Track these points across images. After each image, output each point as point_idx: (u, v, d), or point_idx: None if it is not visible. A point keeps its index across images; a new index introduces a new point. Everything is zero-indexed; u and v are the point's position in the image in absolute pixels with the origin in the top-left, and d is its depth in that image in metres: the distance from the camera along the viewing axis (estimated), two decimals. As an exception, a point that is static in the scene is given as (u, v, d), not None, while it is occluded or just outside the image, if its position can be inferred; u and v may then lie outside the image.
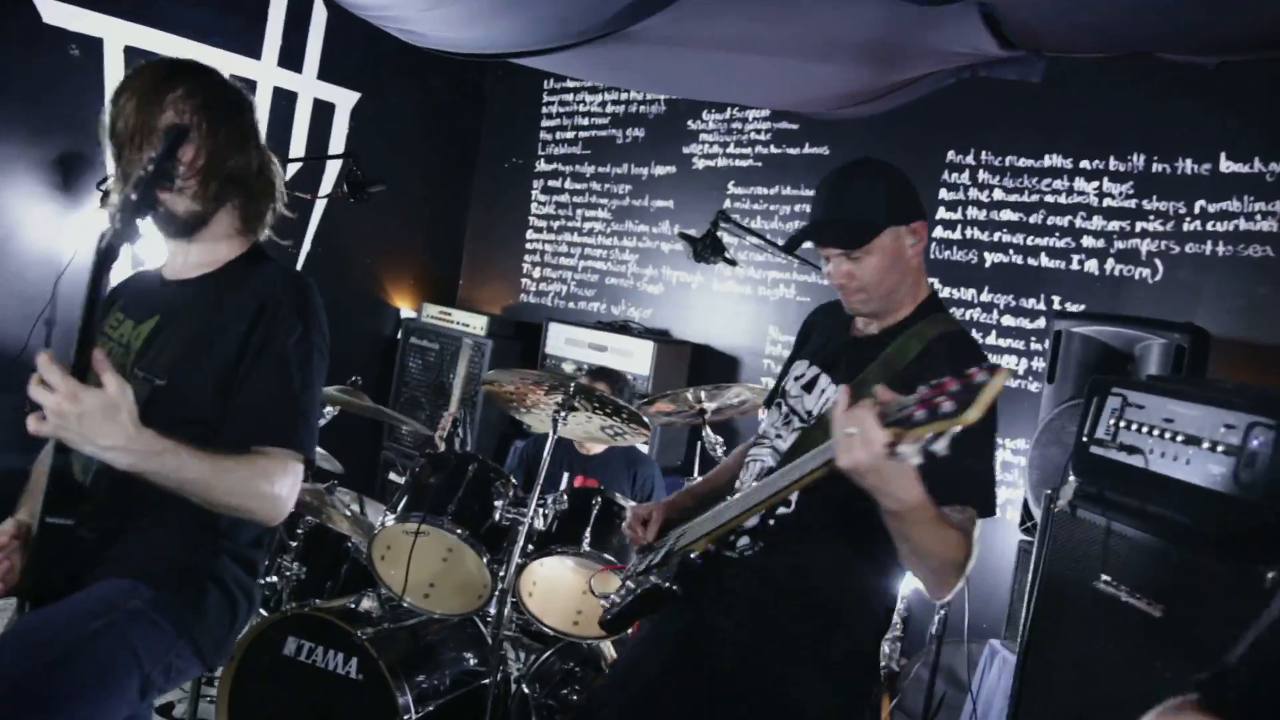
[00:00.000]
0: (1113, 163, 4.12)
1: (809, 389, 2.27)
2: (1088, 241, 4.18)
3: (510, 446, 5.16)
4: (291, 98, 5.64)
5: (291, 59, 5.58)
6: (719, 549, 2.25)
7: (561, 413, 3.27)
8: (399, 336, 6.28)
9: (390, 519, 3.31)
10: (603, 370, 4.70)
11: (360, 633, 3.09)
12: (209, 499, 1.89)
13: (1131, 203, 4.06)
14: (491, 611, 3.32)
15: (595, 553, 3.25)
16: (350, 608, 3.32)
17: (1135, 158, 4.06)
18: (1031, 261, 4.35)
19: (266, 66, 5.45)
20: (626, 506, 3.26)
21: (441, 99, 6.61)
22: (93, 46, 4.72)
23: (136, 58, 2.15)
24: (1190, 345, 3.09)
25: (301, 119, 5.72)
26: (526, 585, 3.44)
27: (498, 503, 3.32)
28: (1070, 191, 4.24)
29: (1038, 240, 4.33)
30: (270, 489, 1.95)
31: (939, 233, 4.62)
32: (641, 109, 5.97)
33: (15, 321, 4.50)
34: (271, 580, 3.73)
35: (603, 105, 6.18)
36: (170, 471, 1.80)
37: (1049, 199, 4.31)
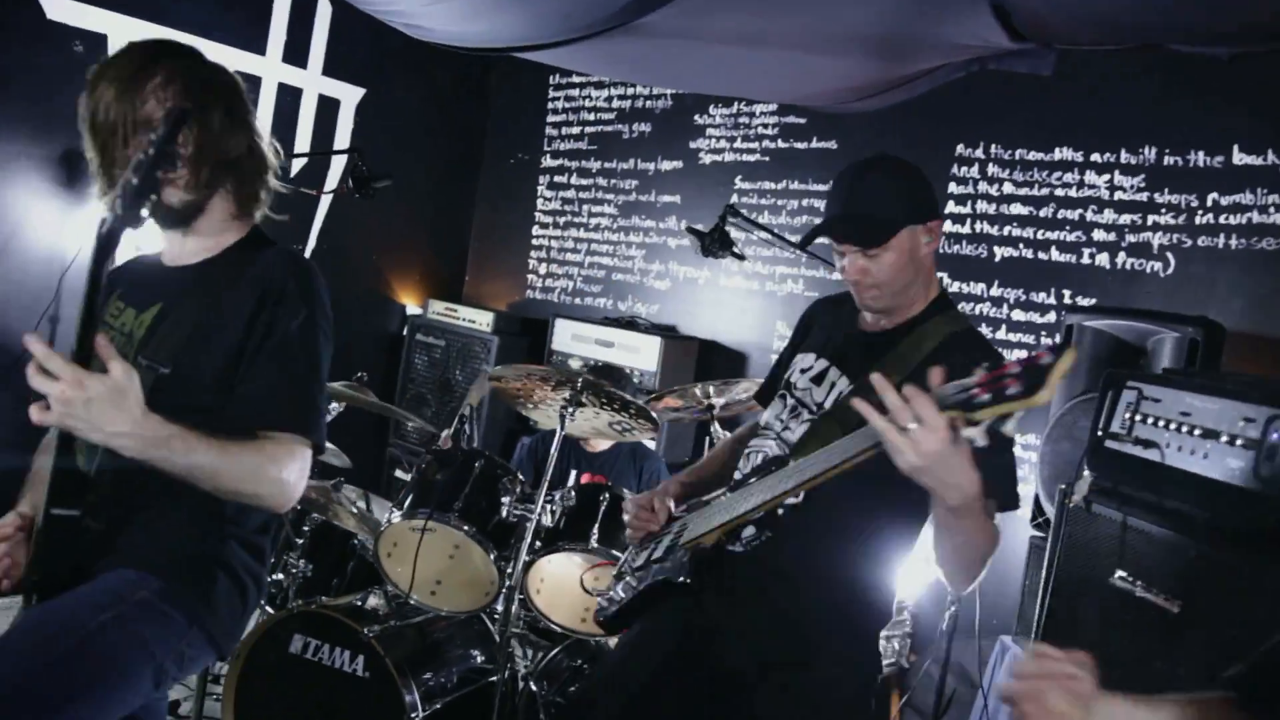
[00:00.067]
0: (1124, 156, 4.09)
1: (818, 381, 2.26)
2: (1099, 235, 4.14)
3: (517, 443, 5.14)
4: (296, 94, 5.62)
5: (296, 55, 5.56)
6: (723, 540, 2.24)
7: (569, 408, 3.24)
8: (405, 333, 6.26)
9: (397, 515, 3.29)
10: (605, 367, 4.68)
11: (367, 630, 3.07)
12: (217, 485, 1.87)
13: (1143, 196, 4.02)
14: (499, 608, 3.30)
15: (603, 549, 3.24)
16: (357, 605, 3.31)
17: (1147, 150, 4.02)
18: (1042, 255, 4.31)
19: (271, 62, 5.43)
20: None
21: (447, 95, 6.59)
22: (97, 43, 4.69)
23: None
24: (1204, 339, 3.05)
25: (306, 115, 5.70)
26: (534, 582, 3.42)
27: (505, 499, 3.30)
28: (1081, 185, 4.21)
29: (1048, 234, 4.30)
30: (278, 474, 1.93)
31: (948, 226, 4.58)
32: (648, 104, 5.93)
33: (20, 319, 4.48)
34: (277, 577, 3.70)
35: (609, 100, 6.15)
36: (177, 457, 1.77)
37: (1059, 192, 4.27)
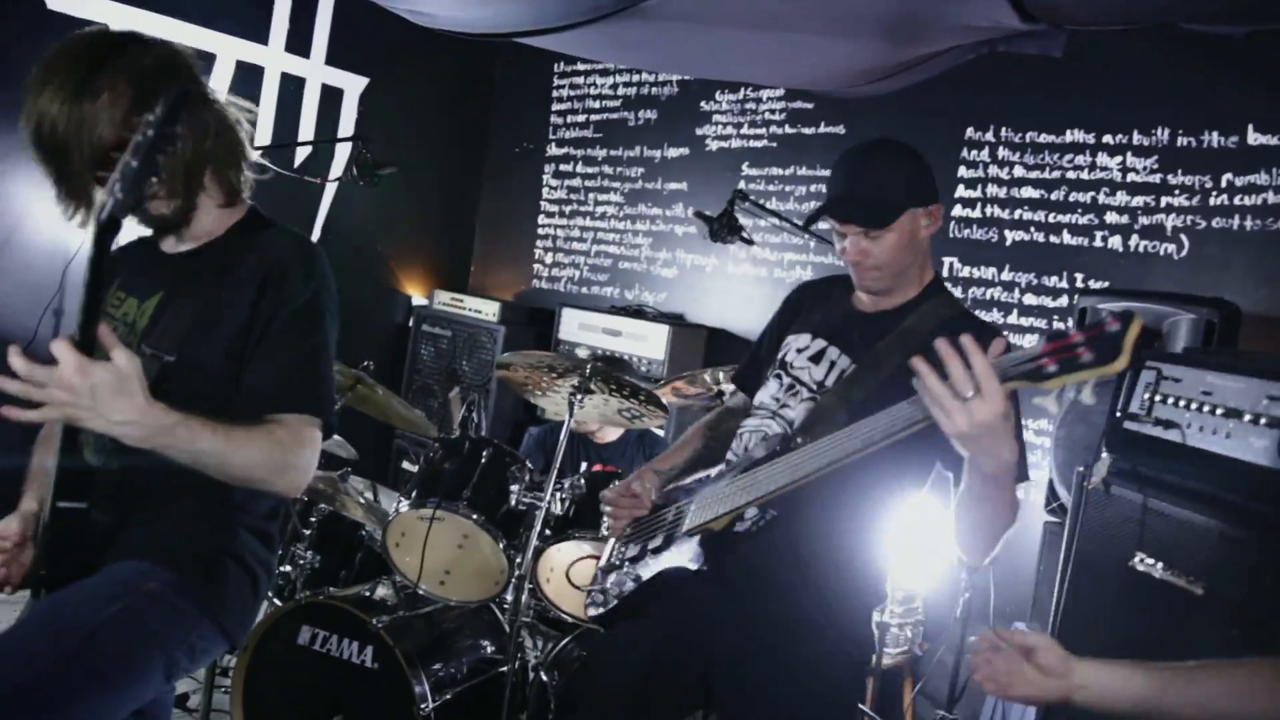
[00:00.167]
0: (1136, 137, 4.04)
1: (816, 360, 2.29)
2: (1111, 218, 4.10)
3: (524, 434, 5.11)
4: (300, 83, 5.59)
5: (299, 44, 5.53)
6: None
7: (578, 395, 3.21)
8: (410, 324, 6.23)
9: (405, 505, 3.26)
10: (609, 360, 4.64)
11: (375, 620, 3.05)
12: (226, 472, 1.83)
13: (1156, 177, 3.97)
14: (508, 598, 3.27)
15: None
16: (365, 596, 3.28)
17: (1160, 131, 3.97)
18: (1054, 239, 4.26)
19: (274, 52, 5.40)
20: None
21: (451, 84, 6.55)
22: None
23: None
24: (1221, 320, 3.01)
25: (310, 104, 5.66)
26: (544, 571, 3.39)
27: (514, 487, 3.27)
28: (1093, 167, 4.16)
29: (1060, 217, 4.25)
30: (289, 458, 1.89)
31: (958, 211, 4.55)
32: (654, 90, 5.89)
33: (23, 312, 4.45)
34: (285, 569, 3.68)
35: (614, 87, 6.10)
36: (184, 445, 1.73)
37: (1071, 175, 4.22)
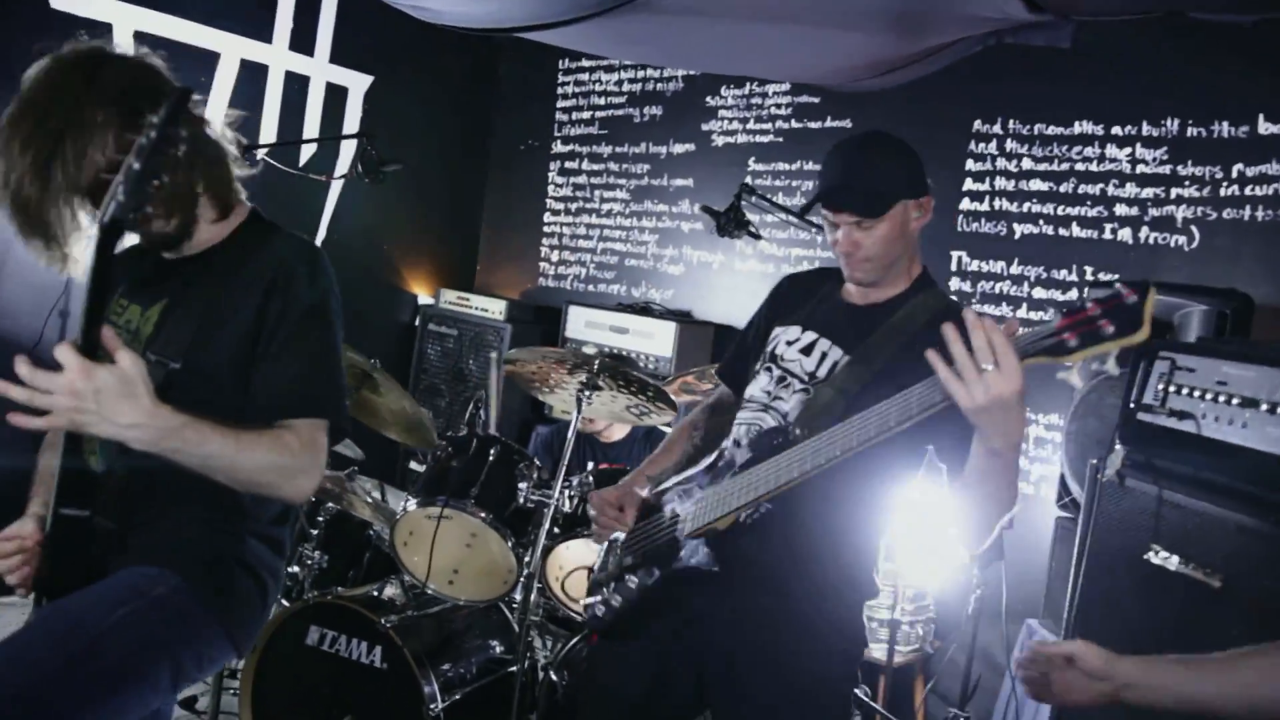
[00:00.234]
0: (1146, 128, 4.01)
1: (807, 352, 2.29)
2: (1121, 210, 4.06)
3: (532, 433, 5.09)
4: (304, 81, 5.56)
5: (303, 42, 5.50)
6: None
7: (586, 392, 3.19)
8: (417, 323, 6.21)
9: (412, 504, 3.25)
10: (615, 357, 4.61)
11: (384, 620, 3.03)
12: (235, 476, 1.81)
13: (1166, 169, 3.94)
14: (517, 597, 3.25)
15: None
16: (373, 595, 3.27)
17: (1169, 122, 3.94)
18: (1063, 232, 4.23)
19: (278, 50, 5.38)
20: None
21: (455, 82, 6.52)
22: (102, 32, 4.60)
23: (146, 43, 2.02)
24: (1233, 311, 2.99)
25: (314, 103, 5.63)
26: (553, 569, 3.37)
27: (522, 485, 3.25)
28: (1102, 159, 4.13)
29: (1069, 210, 4.22)
30: (298, 462, 1.87)
31: (966, 205, 4.52)
32: (659, 86, 5.86)
33: (29, 313, 4.44)
34: (293, 569, 3.66)
35: (619, 84, 6.07)
36: (193, 448, 1.71)
37: (1080, 167, 4.19)
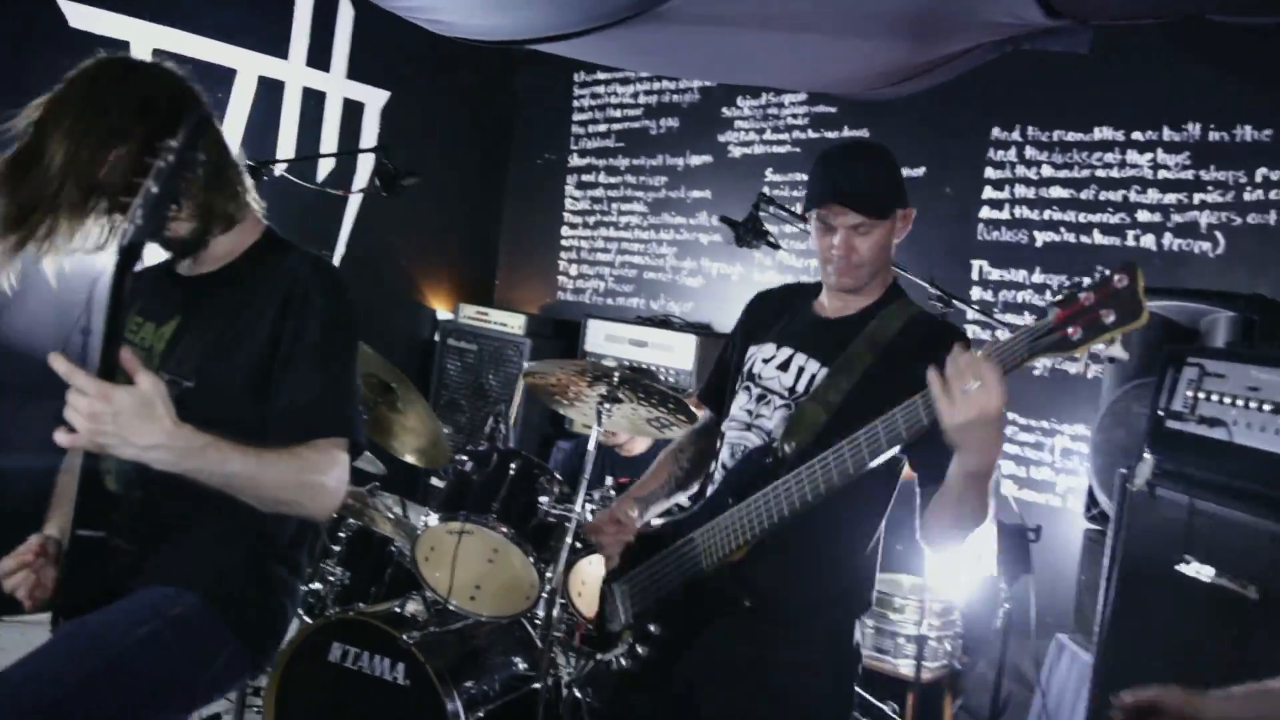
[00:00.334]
0: (1167, 133, 3.98)
1: (784, 368, 2.28)
2: (1143, 216, 4.04)
3: (553, 447, 5.08)
4: (320, 97, 5.58)
5: (320, 58, 5.52)
6: None
7: (605, 404, 3.17)
8: (436, 339, 6.21)
9: (434, 519, 3.23)
10: (635, 370, 4.60)
11: (406, 637, 3.01)
12: (257, 494, 1.80)
13: (1189, 174, 3.92)
14: (540, 613, 3.23)
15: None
16: (396, 612, 3.25)
17: (1191, 127, 3.91)
18: (1084, 239, 4.21)
19: (295, 66, 5.40)
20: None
21: (471, 97, 6.54)
22: (119, 50, 4.65)
23: (163, 60, 2.03)
24: (1260, 317, 2.95)
25: (332, 119, 5.65)
26: (575, 584, 3.35)
27: (543, 499, 3.23)
28: (1123, 165, 4.10)
29: (1090, 217, 4.19)
30: (320, 479, 1.86)
31: (986, 213, 4.49)
32: (675, 98, 5.85)
33: (52, 330, 4.45)
34: (315, 586, 3.65)
35: (635, 96, 6.07)
36: (214, 468, 1.70)
37: (1101, 174, 4.17)
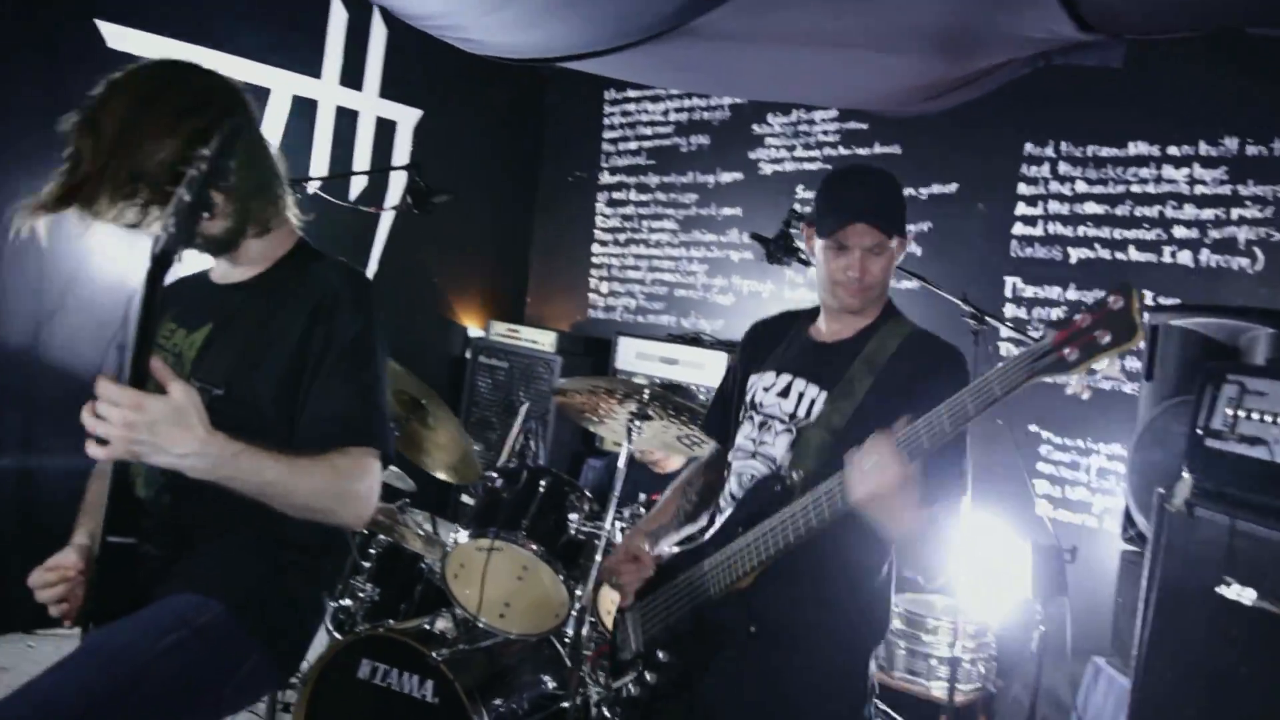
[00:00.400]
0: (1203, 148, 3.93)
1: (785, 395, 2.30)
2: (1179, 232, 3.99)
3: (584, 465, 5.07)
4: (354, 116, 5.62)
5: (352, 77, 5.56)
6: None
7: (636, 422, 3.16)
8: (467, 356, 6.22)
9: (463, 536, 3.23)
10: (671, 386, 4.60)
11: (435, 654, 3.01)
12: (290, 502, 1.80)
13: (1226, 189, 3.87)
14: (569, 632, 3.22)
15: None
16: (425, 629, 3.24)
17: (1228, 141, 3.87)
18: (1119, 255, 4.16)
19: (328, 85, 5.44)
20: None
21: (502, 115, 6.57)
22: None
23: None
24: (1302, 334, 2.90)
25: (364, 137, 5.69)
26: (605, 603, 3.33)
27: (573, 516, 3.22)
28: (1158, 180, 4.06)
29: (1125, 233, 4.15)
30: (352, 487, 1.87)
31: (1019, 229, 4.45)
32: (705, 115, 5.86)
33: (90, 346, 4.50)
34: (345, 603, 3.66)
35: (665, 114, 6.08)
36: (247, 475, 1.71)
37: (1136, 189, 4.12)
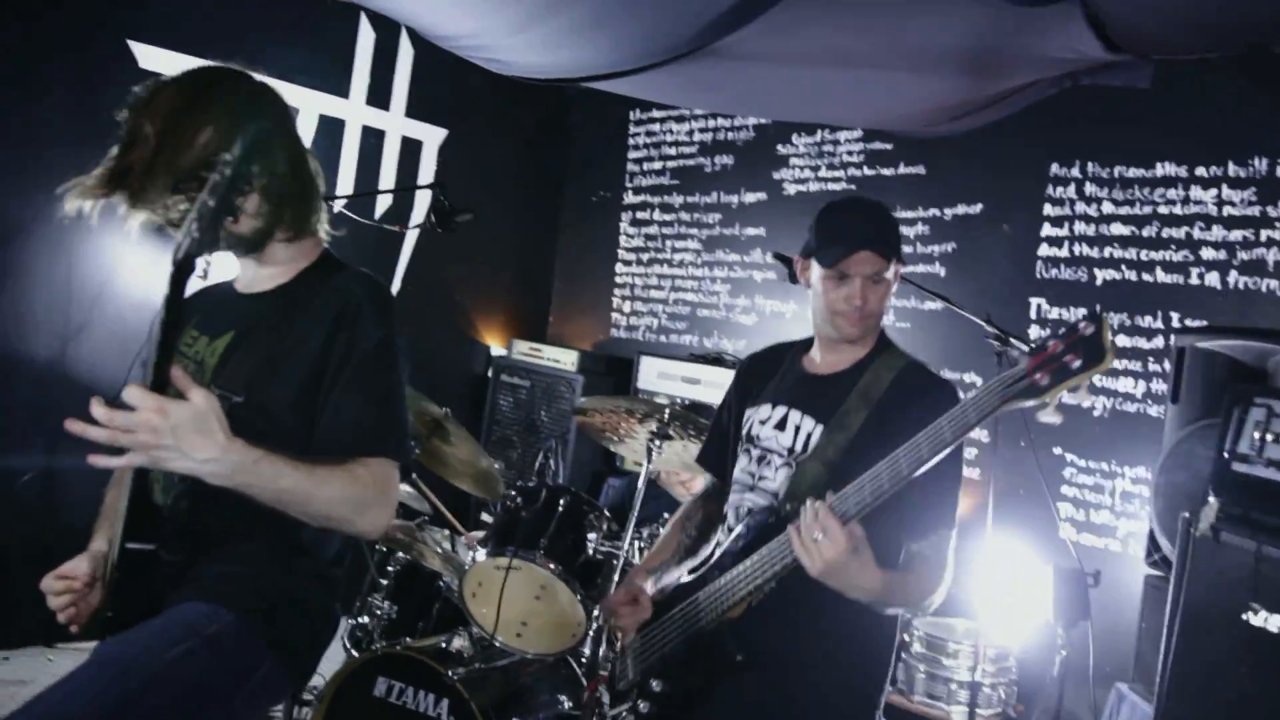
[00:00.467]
0: (1232, 168, 3.90)
1: (781, 427, 2.31)
2: (1207, 254, 3.95)
3: (604, 484, 5.06)
4: (380, 135, 5.66)
5: (379, 97, 5.61)
6: None
7: (656, 441, 3.15)
8: (489, 374, 6.23)
9: (481, 554, 3.22)
10: (694, 406, 4.60)
11: (451, 673, 2.99)
12: (309, 509, 1.80)
13: (1255, 210, 3.83)
14: (586, 651, 3.20)
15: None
16: (441, 647, 3.23)
17: (1257, 162, 3.83)
18: (1146, 277, 4.12)
19: (355, 105, 5.49)
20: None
21: (528, 135, 6.60)
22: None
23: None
24: (1332, 357, 2.86)
25: (390, 157, 5.73)
26: (622, 622, 3.31)
27: (591, 536, 3.21)
28: (1186, 201, 4.02)
29: (1152, 254, 4.11)
30: (371, 495, 1.87)
31: (1045, 250, 4.42)
32: (730, 135, 5.86)
33: (115, 362, 4.52)
34: (363, 620, 3.65)
35: (690, 134, 6.09)
36: (267, 482, 1.71)
37: (1163, 210, 4.08)
